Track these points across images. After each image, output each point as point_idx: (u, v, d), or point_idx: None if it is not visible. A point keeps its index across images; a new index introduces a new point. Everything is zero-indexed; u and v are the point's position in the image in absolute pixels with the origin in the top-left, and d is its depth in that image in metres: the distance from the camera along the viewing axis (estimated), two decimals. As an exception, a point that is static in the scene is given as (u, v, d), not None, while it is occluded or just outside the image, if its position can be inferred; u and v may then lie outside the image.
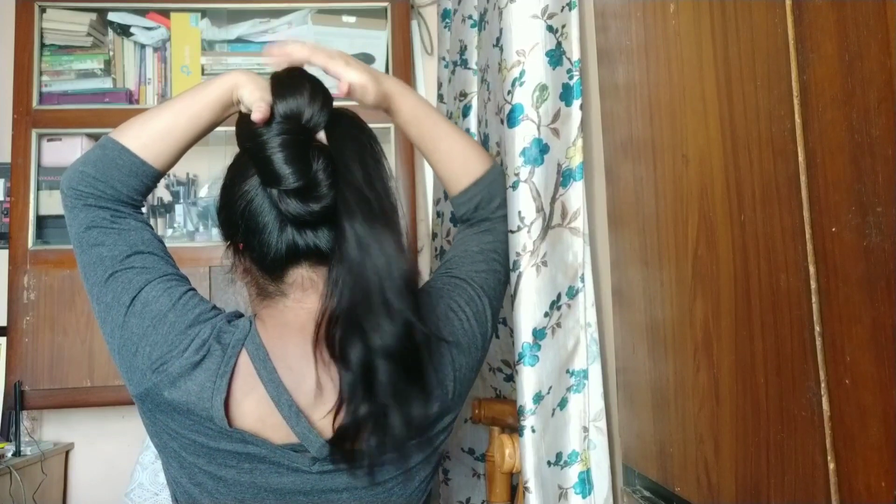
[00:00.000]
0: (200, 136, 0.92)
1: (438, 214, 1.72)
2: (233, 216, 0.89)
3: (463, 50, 1.55)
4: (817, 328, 0.61)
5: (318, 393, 0.84)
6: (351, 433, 0.81)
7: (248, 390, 0.84)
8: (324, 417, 0.85)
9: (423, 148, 1.02)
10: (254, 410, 0.84)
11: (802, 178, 0.63)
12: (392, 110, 0.99)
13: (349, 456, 0.85)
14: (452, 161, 1.02)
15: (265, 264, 0.88)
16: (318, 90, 0.87)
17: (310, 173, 0.82)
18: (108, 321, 0.85)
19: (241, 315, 0.90)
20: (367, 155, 0.84)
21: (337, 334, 0.80)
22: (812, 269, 0.62)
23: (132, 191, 0.89)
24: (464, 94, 1.54)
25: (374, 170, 0.84)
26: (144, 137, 0.88)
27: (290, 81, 0.88)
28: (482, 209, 1.04)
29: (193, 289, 0.90)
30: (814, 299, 0.61)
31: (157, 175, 0.91)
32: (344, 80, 0.94)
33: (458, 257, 1.01)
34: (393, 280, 0.79)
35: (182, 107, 0.90)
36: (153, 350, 0.83)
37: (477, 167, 1.04)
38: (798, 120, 0.63)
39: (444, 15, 1.78)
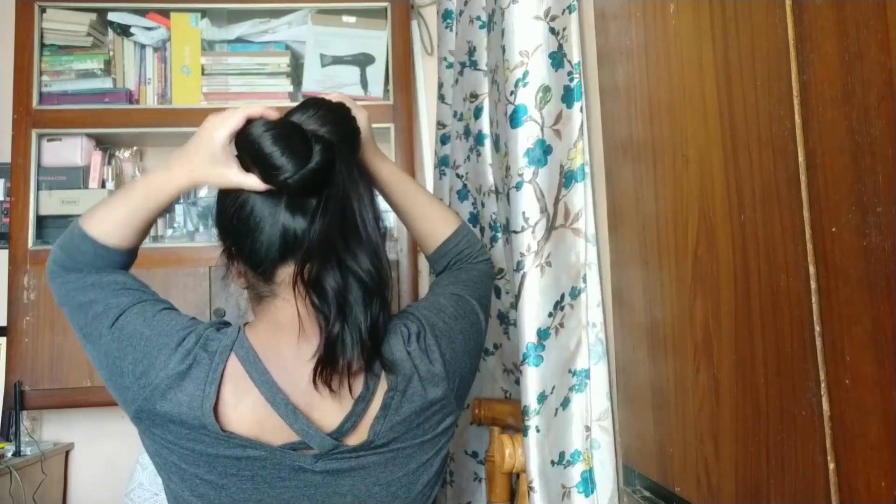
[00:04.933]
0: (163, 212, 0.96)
1: None
2: (225, 221, 0.91)
3: (472, 51, 1.55)
4: (817, 328, 0.61)
5: (315, 392, 0.85)
6: (330, 357, 0.83)
7: (242, 394, 0.85)
8: (324, 414, 0.85)
9: (405, 208, 1.07)
10: (250, 414, 0.85)
11: (802, 178, 0.63)
12: (375, 166, 1.03)
13: (353, 447, 0.86)
14: (430, 218, 1.07)
15: (256, 263, 0.89)
16: (330, 111, 0.90)
17: (310, 155, 0.85)
18: (96, 356, 0.89)
19: (228, 324, 0.92)
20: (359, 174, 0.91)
21: (315, 262, 0.83)
22: (812, 269, 0.62)
23: (104, 266, 0.93)
24: (475, 96, 1.54)
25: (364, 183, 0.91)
26: (105, 226, 0.90)
27: (305, 104, 0.92)
28: (464, 259, 1.08)
29: (170, 308, 0.92)
30: (814, 299, 0.61)
31: (124, 252, 0.93)
32: (355, 112, 0.98)
33: (435, 292, 1.05)
34: (369, 218, 0.86)
35: (142, 199, 0.91)
36: (135, 366, 0.85)
37: (452, 222, 1.08)
38: (798, 120, 0.63)
39: (446, 15, 1.78)
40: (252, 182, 0.86)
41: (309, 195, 0.86)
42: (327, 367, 0.83)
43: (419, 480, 0.91)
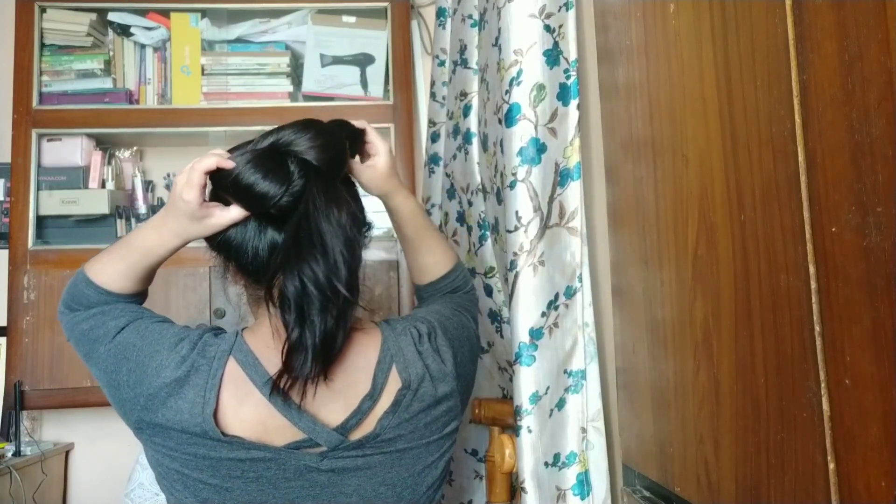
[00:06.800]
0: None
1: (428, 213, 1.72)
2: (210, 240, 0.92)
3: (463, 49, 1.55)
4: (817, 328, 0.61)
5: (321, 390, 0.85)
6: (289, 364, 0.82)
7: (244, 397, 0.85)
8: (329, 413, 0.86)
9: (414, 240, 1.07)
10: (253, 416, 0.85)
11: (802, 178, 0.63)
12: (397, 202, 1.03)
13: (358, 441, 0.86)
14: (435, 252, 1.08)
15: (248, 273, 0.90)
16: (319, 134, 0.88)
17: (289, 175, 0.84)
18: (99, 375, 0.90)
19: (224, 330, 0.93)
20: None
21: (280, 271, 0.83)
22: (812, 269, 0.62)
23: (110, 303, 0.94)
24: (464, 94, 1.54)
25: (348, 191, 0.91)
26: (105, 276, 0.92)
27: (299, 124, 0.90)
28: (458, 293, 1.09)
29: (165, 321, 0.92)
30: (814, 299, 0.61)
31: (129, 295, 0.94)
32: (378, 144, 0.98)
33: (429, 307, 1.05)
34: (334, 235, 0.83)
35: (139, 257, 0.92)
36: (129, 377, 0.86)
37: (451, 259, 1.10)
38: (798, 120, 0.63)
39: (440, 13, 1.78)
40: (236, 214, 0.87)
41: (290, 212, 0.85)
42: (285, 375, 0.82)
43: (424, 482, 0.92)
